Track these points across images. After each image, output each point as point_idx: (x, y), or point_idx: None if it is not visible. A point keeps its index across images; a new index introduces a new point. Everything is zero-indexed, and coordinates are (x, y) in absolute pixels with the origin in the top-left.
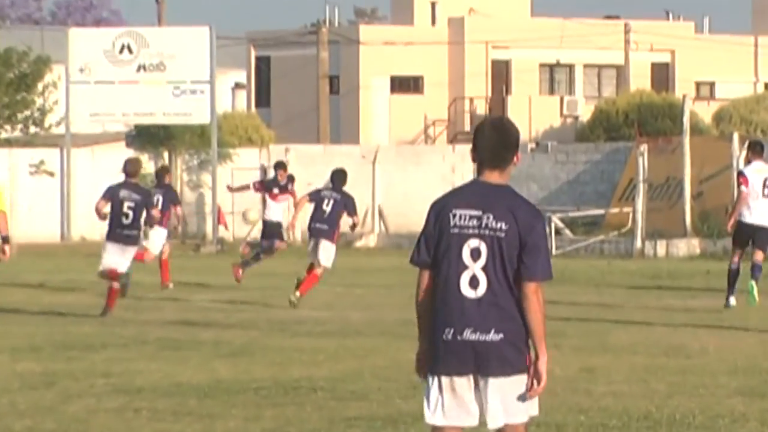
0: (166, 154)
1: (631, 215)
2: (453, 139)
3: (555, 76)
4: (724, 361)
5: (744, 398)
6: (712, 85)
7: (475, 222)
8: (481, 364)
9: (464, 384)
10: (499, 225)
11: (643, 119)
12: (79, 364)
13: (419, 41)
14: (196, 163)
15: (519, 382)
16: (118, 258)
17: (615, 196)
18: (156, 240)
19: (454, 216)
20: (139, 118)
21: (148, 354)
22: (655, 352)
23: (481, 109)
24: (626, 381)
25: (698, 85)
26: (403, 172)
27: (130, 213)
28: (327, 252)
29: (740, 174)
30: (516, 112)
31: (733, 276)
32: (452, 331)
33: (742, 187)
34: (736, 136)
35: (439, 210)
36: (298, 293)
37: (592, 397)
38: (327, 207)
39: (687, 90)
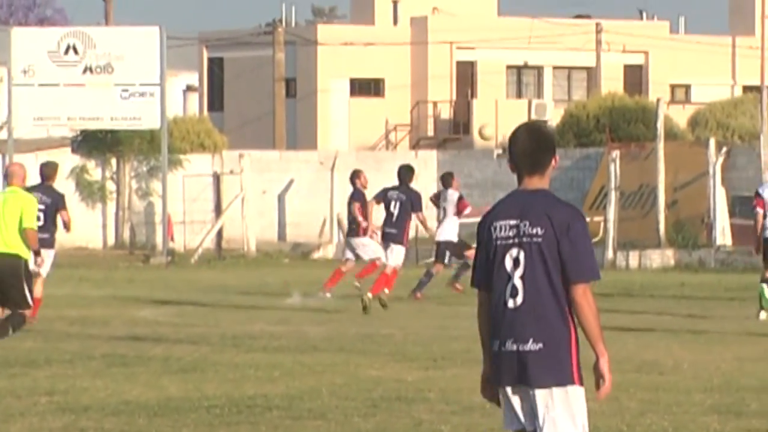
0: (113, 161)
1: (602, 225)
2: (416, 145)
3: (523, 79)
4: (698, 378)
5: (719, 416)
6: (687, 88)
7: (513, 231)
8: (523, 375)
9: (519, 394)
10: (535, 230)
11: (615, 124)
12: (21, 381)
13: (380, 42)
14: (145, 169)
15: (564, 393)
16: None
17: (585, 204)
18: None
19: (495, 228)
20: (86, 122)
21: (95, 370)
22: (627, 368)
23: (445, 113)
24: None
25: (673, 88)
26: None
27: (41, 215)
28: (396, 255)
29: (756, 194)
30: (482, 115)
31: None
32: (498, 342)
33: (758, 209)
34: (712, 142)
35: (483, 226)
36: (369, 294)
37: None
38: (395, 209)
39: (661, 93)
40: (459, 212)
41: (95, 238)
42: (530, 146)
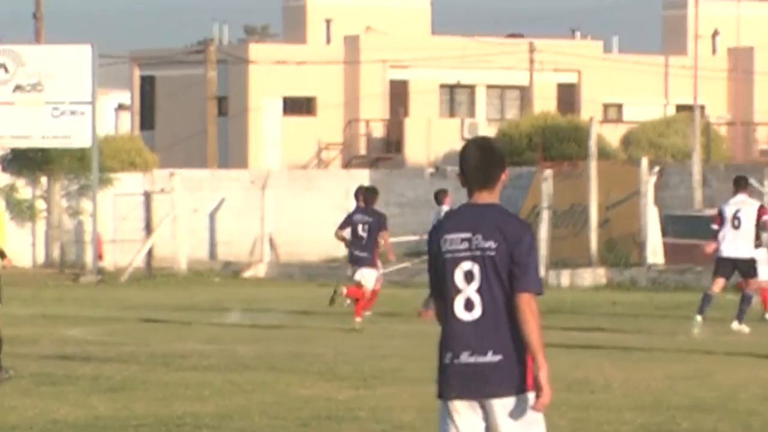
0: (44, 179)
1: None
2: (348, 164)
3: (456, 98)
4: (629, 396)
5: None
6: (620, 107)
7: (465, 244)
8: (482, 387)
9: (468, 407)
10: (488, 244)
11: (548, 143)
12: None
13: (313, 60)
14: (75, 188)
15: (524, 402)
16: None
17: None
18: None
19: (446, 241)
20: (15, 141)
21: (23, 389)
22: (558, 386)
23: (378, 131)
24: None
25: (606, 107)
26: (294, 198)
27: None
28: (370, 278)
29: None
30: (414, 134)
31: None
32: (450, 355)
33: (713, 226)
34: (644, 161)
35: (433, 238)
36: (358, 319)
37: None
38: (363, 233)
39: (594, 112)
40: None
41: (25, 257)
42: (481, 161)
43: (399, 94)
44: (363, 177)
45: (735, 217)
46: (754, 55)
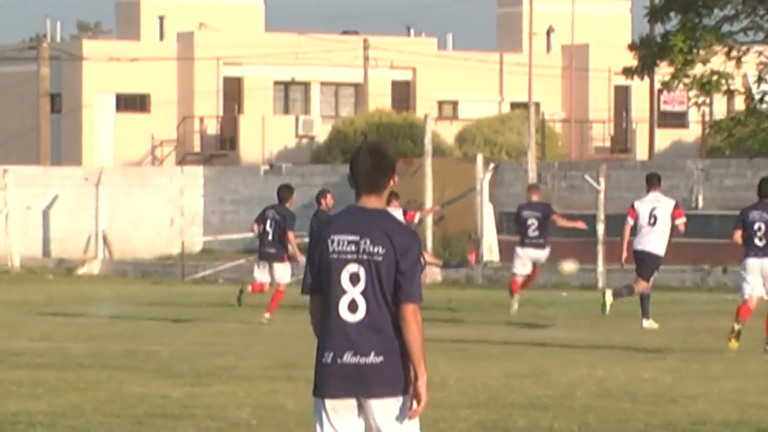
0: None
1: None
2: (182, 161)
3: (290, 95)
4: (465, 394)
5: None
6: (455, 104)
7: (353, 247)
8: (363, 387)
9: (346, 407)
10: (376, 249)
11: (383, 139)
12: None
13: (146, 57)
14: None
15: (401, 404)
16: None
17: None
18: None
19: (333, 242)
20: None
21: None
22: None
23: (212, 128)
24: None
25: (441, 104)
26: (128, 195)
27: None
28: (281, 272)
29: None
30: (249, 131)
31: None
32: (332, 354)
33: (628, 219)
34: (480, 158)
35: (318, 236)
36: (267, 314)
37: None
38: (271, 228)
39: (429, 109)
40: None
41: None
42: (371, 166)
43: (233, 91)
44: (197, 174)
45: (651, 214)
46: (589, 53)
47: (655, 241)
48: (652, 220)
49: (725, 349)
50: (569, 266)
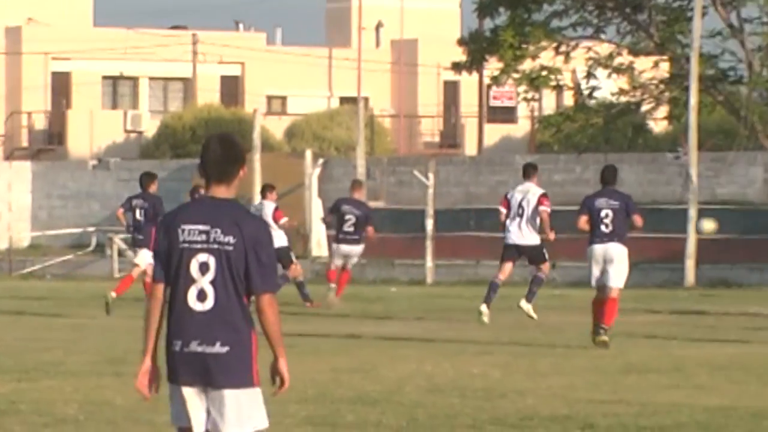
0: None
1: None
2: (9, 156)
3: (118, 90)
4: (293, 390)
5: (314, 428)
6: (284, 99)
7: (203, 237)
8: (208, 376)
9: (195, 395)
10: (227, 239)
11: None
12: None
13: None
14: None
15: (246, 395)
16: None
17: None
18: None
19: (183, 231)
20: None
21: None
22: None
23: (40, 123)
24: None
25: (270, 99)
26: None
27: None
28: (143, 256)
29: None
30: (77, 127)
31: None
32: (180, 343)
33: (501, 208)
34: (309, 153)
35: (168, 226)
36: (113, 294)
37: (155, 427)
38: (140, 216)
39: (258, 104)
40: (276, 221)
41: None
42: (221, 156)
43: (61, 86)
44: (25, 169)
45: (520, 205)
46: (418, 48)
47: (525, 232)
48: (521, 210)
49: (554, 344)
50: (709, 225)
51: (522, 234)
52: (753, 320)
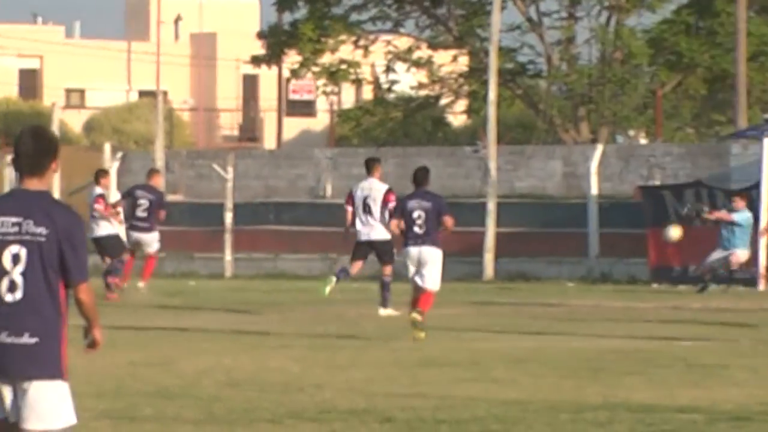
0: None
1: None
2: None
3: None
4: (91, 383)
5: (112, 421)
6: (82, 92)
7: (15, 228)
8: (16, 368)
9: (5, 388)
10: (39, 230)
11: (10, 128)
12: None
13: None
14: None
15: (54, 388)
16: None
17: None
18: None
19: None
20: None
21: None
22: None
23: None
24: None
25: (68, 92)
26: None
27: None
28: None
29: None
30: None
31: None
32: None
33: (347, 207)
34: (107, 147)
35: None
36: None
37: None
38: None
39: (56, 98)
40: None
41: None
42: (33, 149)
43: None
44: None
45: (365, 202)
46: (217, 42)
47: (373, 228)
48: (367, 207)
49: (354, 337)
50: (675, 232)
51: (373, 230)
52: (550, 313)
